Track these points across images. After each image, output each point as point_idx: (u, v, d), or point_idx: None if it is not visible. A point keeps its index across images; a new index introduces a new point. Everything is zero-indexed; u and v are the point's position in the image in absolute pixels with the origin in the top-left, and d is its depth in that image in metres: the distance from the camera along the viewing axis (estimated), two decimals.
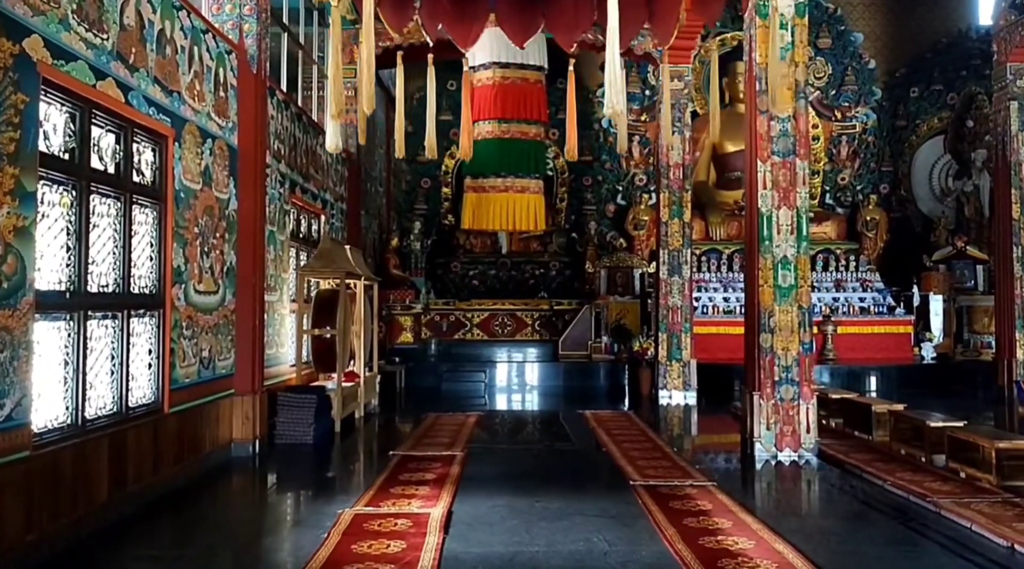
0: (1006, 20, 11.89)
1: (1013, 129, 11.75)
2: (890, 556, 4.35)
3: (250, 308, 7.20)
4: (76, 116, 4.44)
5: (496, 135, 8.42)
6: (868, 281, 14.64)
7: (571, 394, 12.47)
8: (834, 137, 17.34)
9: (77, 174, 4.48)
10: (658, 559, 4.16)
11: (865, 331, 13.97)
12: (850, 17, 17.34)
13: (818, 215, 16.61)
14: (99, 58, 4.64)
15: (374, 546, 4.35)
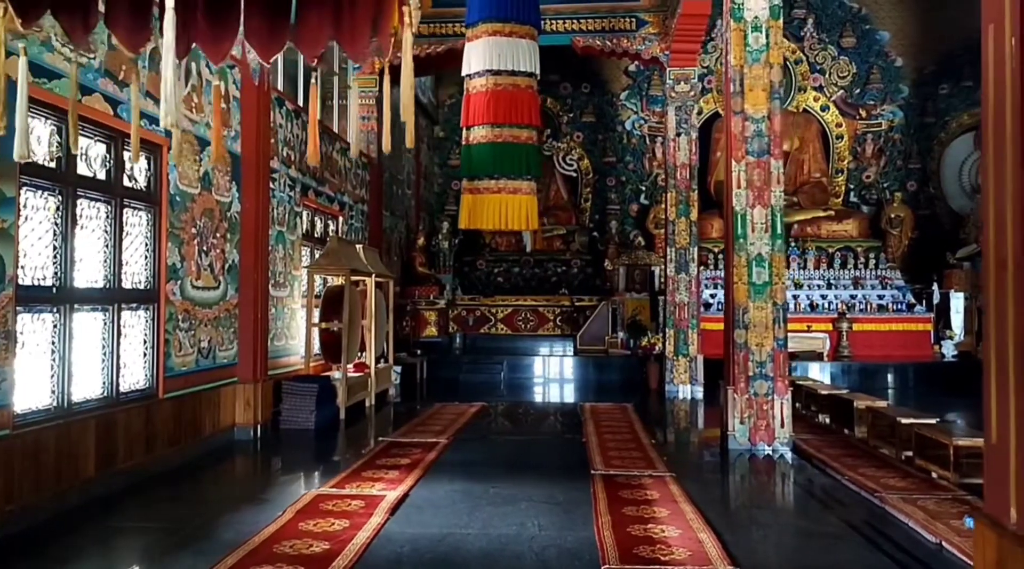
0: None
1: None
2: (809, 548, 4.50)
3: (252, 303, 7.72)
4: (62, 128, 4.96)
5: (490, 139, 8.67)
6: (888, 279, 14.44)
7: (586, 388, 12.77)
8: (859, 135, 17.16)
9: (63, 181, 5.01)
10: (578, 544, 4.41)
11: (882, 328, 13.82)
12: (877, 16, 17.07)
13: (839, 213, 16.51)
14: (85, 75, 5.16)
15: (320, 524, 4.74)
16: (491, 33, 8.69)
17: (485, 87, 8.73)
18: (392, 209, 13.89)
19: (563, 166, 17.73)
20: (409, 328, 14.05)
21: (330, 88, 12.01)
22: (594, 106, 17.82)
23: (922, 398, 12.10)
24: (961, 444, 5.69)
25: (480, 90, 8.77)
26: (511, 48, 8.71)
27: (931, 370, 12.98)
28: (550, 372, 13.75)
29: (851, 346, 13.57)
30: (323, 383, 8.58)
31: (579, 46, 12.39)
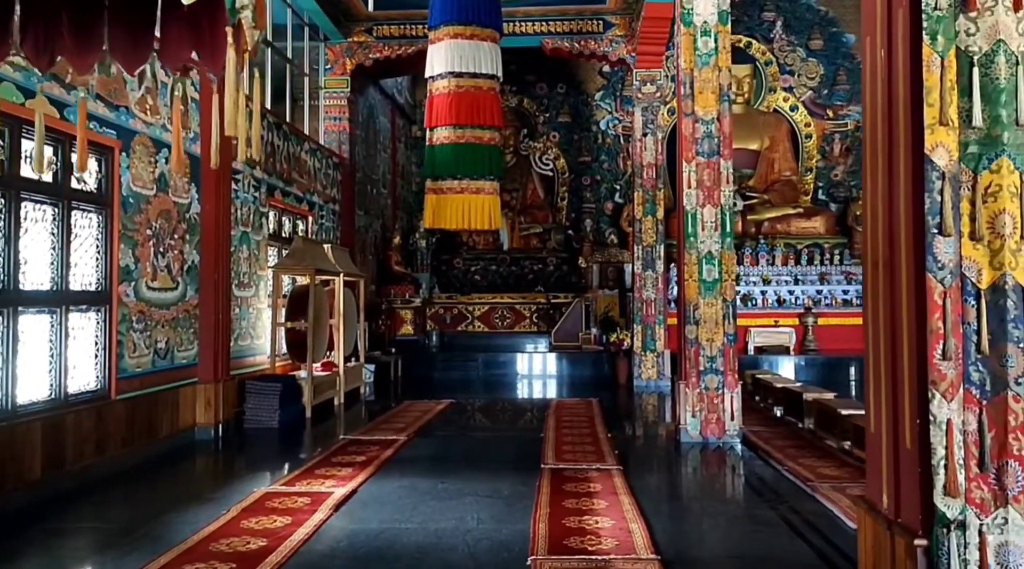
0: None
1: None
2: (733, 537, 4.63)
3: (212, 303, 7.79)
4: (4, 131, 5.03)
5: (452, 140, 8.78)
6: (853, 274, 14.62)
7: (558, 383, 12.94)
8: (827, 135, 17.39)
9: (6, 184, 5.08)
10: (512, 536, 4.52)
11: (847, 322, 13.98)
12: (843, 19, 17.29)
13: (808, 210, 16.71)
14: (28, 79, 5.24)
15: (261, 522, 4.83)
16: (453, 35, 8.81)
17: (447, 89, 8.84)
18: (367, 208, 13.96)
19: (539, 165, 17.82)
20: (385, 327, 14.15)
21: (300, 89, 12.08)
22: (570, 106, 17.91)
23: None
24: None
25: (443, 92, 8.89)
26: (473, 50, 8.83)
27: None
28: (525, 368, 13.89)
29: (817, 340, 13.76)
30: (287, 382, 8.67)
31: (548, 48, 12.52)
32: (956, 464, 2.51)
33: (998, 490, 2.49)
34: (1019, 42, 2.53)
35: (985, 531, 2.48)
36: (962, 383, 2.53)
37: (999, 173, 2.52)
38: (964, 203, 2.55)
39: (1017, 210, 2.51)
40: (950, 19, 2.58)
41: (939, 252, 2.56)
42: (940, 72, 2.57)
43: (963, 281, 2.54)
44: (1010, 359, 2.49)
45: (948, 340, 2.53)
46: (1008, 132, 2.52)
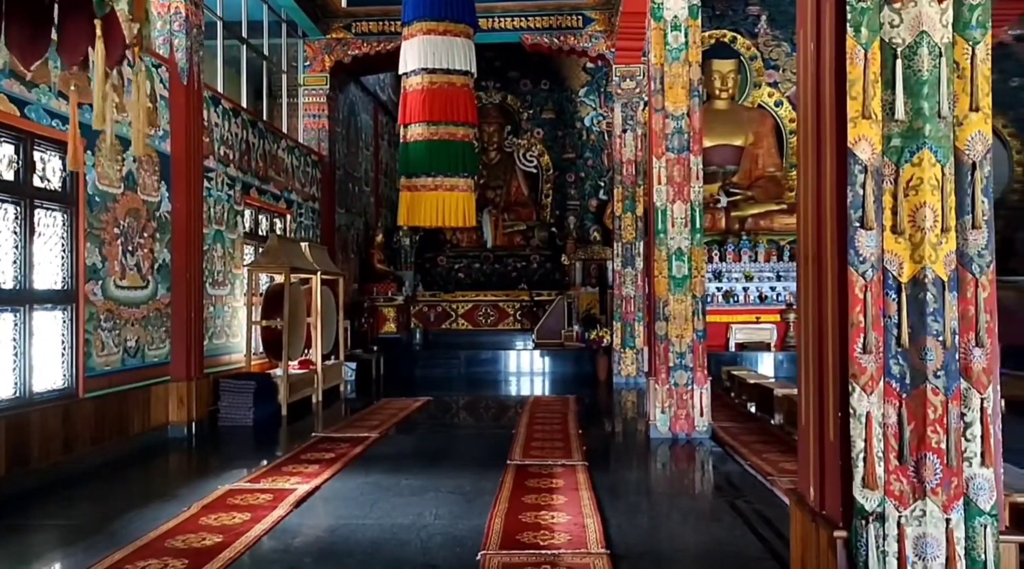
0: None
1: None
2: (685, 530, 4.65)
3: (185, 302, 7.78)
4: None
5: (426, 137, 8.79)
6: None
7: (540, 380, 12.97)
8: None
9: None
10: (467, 532, 4.52)
11: None
12: None
13: (791, 207, 16.70)
14: None
15: (221, 518, 4.83)
16: (426, 32, 8.82)
17: (421, 85, 8.85)
18: (348, 206, 13.95)
19: (523, 162, 17.81)
20: (367, 325, 14.13)
21: (279, 86, 12.05)
22: (554, 103, 17.91)
23: None
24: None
25: (416, 88, 8.90)
26: (446, 47, 8.83)
27: None
28: (508, 366, 13.89)
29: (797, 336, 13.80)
30: (262, 380, 8.66)
31: (527, 43, 12.50)
32: (875, 457, 2.52)
33: (916, 482, 2.50)
34: (942, 34, 2.54)
35: (904, 523, 2.49)
36: (883, 376, 2.54)
37: (920, 166, 2.53)
38: (887, 196, 2.56)
39: (938, 203, 2.52)
40: (874, 11, 2.58)
41: (861, 246, 2.57)
42: (864, 65, 2.58)
43: (885, 275, 2.55)
44: (929, 352, 2.50)
45: (868, 334, 2.54)
46: (930, 125, 2.53)
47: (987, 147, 2.55)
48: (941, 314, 2.50)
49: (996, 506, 2.50)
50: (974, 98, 2.54)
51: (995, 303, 2.56)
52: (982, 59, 2.56)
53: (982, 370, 2.52)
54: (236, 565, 4.06)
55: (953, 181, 2.53)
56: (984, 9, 2.56)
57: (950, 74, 2.53)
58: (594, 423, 8.77)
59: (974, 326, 2.52)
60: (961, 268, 2.53)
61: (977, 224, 2.52)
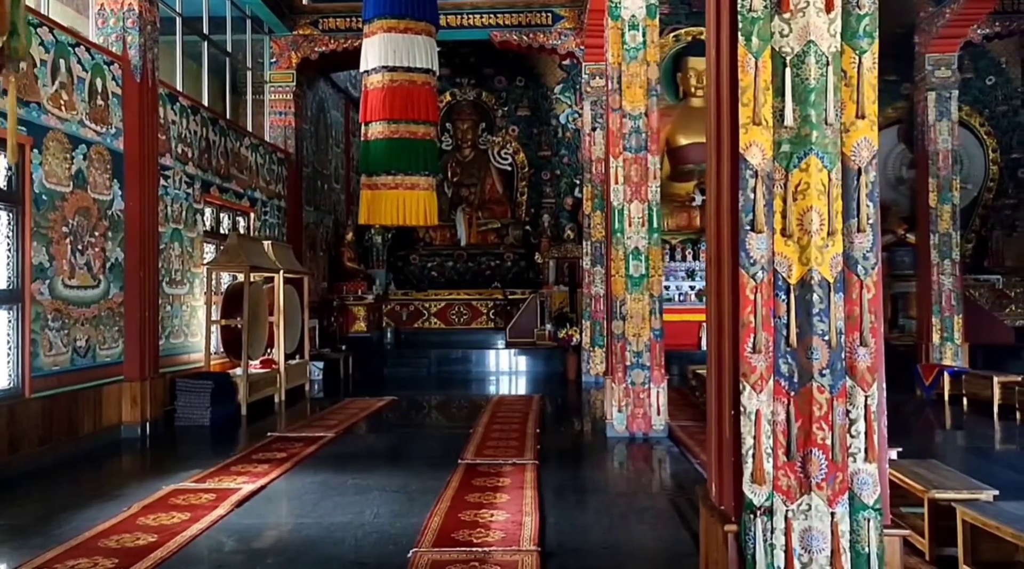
0: (925, 11, 11.96)
1: (930, 119, 11.85)
2: (620, 528, 4.69)
3: (138, 301, 7.74)
4: None
5: (386, 135, 8.78)
6: None
7: (511, 379, 13.02)
8: None
9: None
10: (403, 530, 4.55)
11: None
12: None
13: None
14: None
15: (159, 518, 4.82)
16: (386, 29, 8.81)
17: (381, 83, 8.85)
18: (317, 204, 13.92)
19: (498, 160, 17.81)
20: (337, 324, 14.11)
21: (243, 83, 11.99)
22: (529, 100, 17.92)
23: None
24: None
25: (377, 86, 8.89)
26: (407, 44, 8.83)
27: None
28: (479, 365, 13.92)
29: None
30: (220, 379, 8.64)
31: (497, 40, 12.54)
32: (764, 453, 2.58)
33: (803, 478, 2.56)
34: (829, 43, 2.60)
35: (791, 517, 2.56)
36: (772, 375, 2.60)
37: (808, 171, 2.58)
38: (777, 201, 2.62)
39: (824, 207, 2.58)
40: (765, 20, 2.64)
41: (751, 248, 2.63)
42: (755, 72, 2.63)
43: (775, 276, 2.61)
44: (815, 351, 2.56)
45: (759, 333, 2.60)
46: (817, 131, 2.58)
47: (872, 153, 2.62)
48: (827, 314, 2.56)
49: (880, 500, 2.57)
50: (860, 106, 2.60)
51: (880, 304, 2.62)
52: (869, 68, 2.62)
53: (866, 369, 2.59)
54: (166, 565, 4.07)
55: (840, 186, 2.60)
56: (871, 19, 2.62)
57: (837, 82, 2.59)
58: (555, 422, 8.83)
59: (859, 326, 2.59)
60: (847, 270, 2.60)
61: (862, 228, 2.59)
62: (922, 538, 3.92)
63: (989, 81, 17.48)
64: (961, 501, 3.61)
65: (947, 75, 12.05)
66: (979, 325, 13.67)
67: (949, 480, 4.00)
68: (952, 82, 12.03)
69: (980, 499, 3.73)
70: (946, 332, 11.91)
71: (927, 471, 4.20)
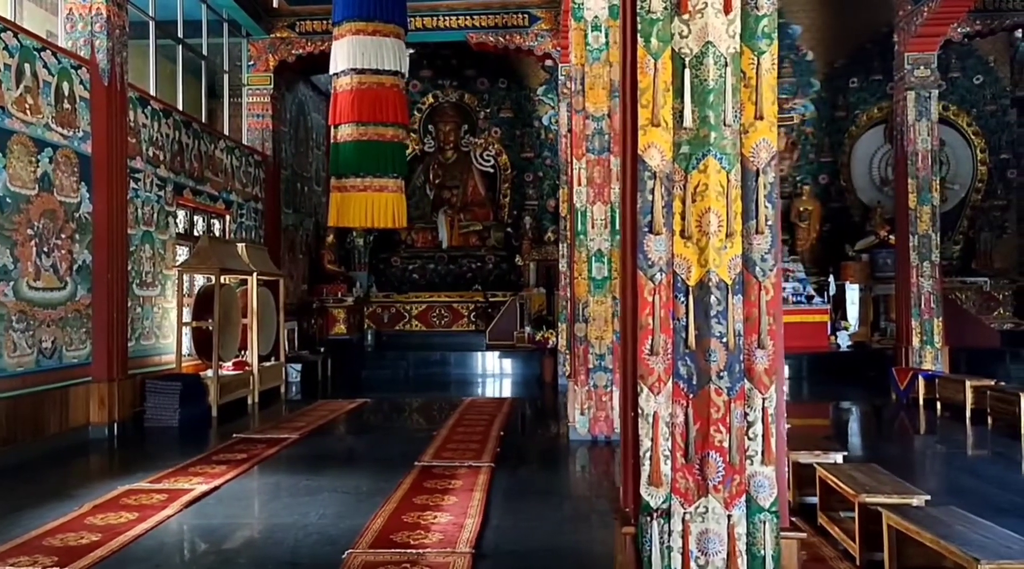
0: (904, 10, 11.98)
1: (910, 119, 11.85)
2: (563, 530, 4.69)
3: (106, 303, 7.75)
4: None
5: (355, 137, 8.80)
6: (790, 271, 14.79)
7: (489, 381, 13.01)
8: None
9: None
10: (344, 531, 4.55)
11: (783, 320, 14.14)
12: (788, 9, 17.32)
13: None
14: None
15: (107, 518, 4.84)
16: (355, 32, 8.84)
17: (350, 86, 8.87)
18: (296, 206, 13.93)
19: (481, 162, 17.81)
20: (316, 326, 14.12)
21: (220, 85, 11.99)
22: (512, 101, 17.92)
23: (816, 387, 12.53)
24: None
25: (346, 89, 8.91)
26: (375, 47, 8.85)
27: (827, 360, 13.42)
28: (459, 367, 13.90)
29: None
30: (189, 381, 8.64)
31: (473, 42, 12.56)
32: (661, 455, 2.59)
33: (701, 480, 2.57)
34: (728, 44, 2.61)
35: (688, 519, 2.56)
36: (671, 377, 2.61)
37: (706, 173, 2.59)
38: (676, 202, 2.63)
39: (723, 209, 2.59)
40: (665, 21, 2.65)
41: (650, 250, 2.64)
42: (654, 74, 2.64)
43: (674, 278, 2.62)
44: (713, 354, 2.57)
45: (656, 335, 2.61)
46: (715, 132, 2.59)
47: (772, 154, 2.63)
48: (725, 316, 2.57)
49: (777, 503, 2.58)
50: (759, 107, 2.62)
51: (779, 306, 2.63)
52: (767, 69, 2.63)
53: (764, 371, 2.60)
54: (104, 564, 4.08)
55: (739, 187, 2.61)
56: (770, 20, 2.64)
57: (736, 83, 2.60)
58: (522, 425, 8.84)
59: (757, 328, 2.59)
60: (746, 272, 2.61)
61: (761, 229, 2.60)
62: (853, 543, 3.93)
63: (976, 80, 17.49)
64: (888, 506, 3.61)
65: (926, 74, 12.01)
66: (963, 328, 13.68)
67: (883, 485, 4.01)
68: (932, 81, 12.00)
69: (911, 504, 3.74)
70: (926, 335, 11.88)
71: (863, 475, 4.21)
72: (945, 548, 3.00)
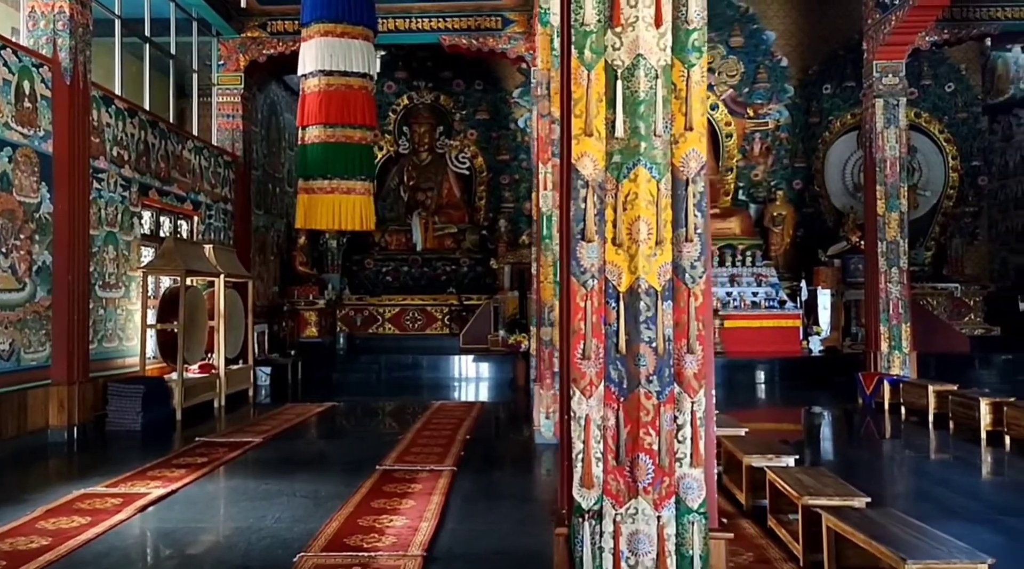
0: (872, 19, 12.17)
1: (878, 126, 12.03)
2: (516, 533, 4.71)
3: (66, 304, 7.67)
4: None
5: (323, 139, 8.78)
6: (763, 276, 14.97)
7: (462, 385, 13.03)
8: (747, 134, 17.65)
9: None
10: (299, 535, 4.54)
11: (754, 325, 14.31)
12: (764, 16, 17.57)
13: (724, 211, 16.98)
14: None
15: (59, 522, 4.79)
16: (323, 33, 8.81)
17: (318, 87, 8.84)
18: (268, 208, 13.86)
19: (456, 164, 17.81)
20: (288, 329, 14.04)
21: (189, 85, 11.90)
22: (488, 104, 17.94)
23: (787, 391, 12.67)
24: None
25: (314, 90, 8.89)
26: (343, 49, 8.83)
27: (798, 364, 13.56)
28: (432, 371, 13.88)
29: (724, 342, 14.02)
30: (153, 384, 8.58)
31: (446, 44, 12.58)
32: (592, 457, 2.63)
33: (631, 482, 2.62)
34: (659, 57, 2.66)
35: (619, 521, 2.61)
36: (603, 381, 2.65)
37: (636, 182, 2.64)
38: (608, 210, 2.68)
39: (652, 217, 2.64)
40: (598, 34, 2.70)
41: (582, 257, 2.68)
42: (587, 84, 2.69)
43: (606, 284, 2.67)
44: (643, 358, 2.62)
45: (588, 340, 2.65)
46: (645, 143, 2.64)
47: (701, 164, 2.68)
48: (654, 322, 2.62)
49: (705, 504, 2.63)
50: (689, 118, 2.67)
51: (709, 312, 2.69)
52: (697, 81, 2.69)
53: (693, 375, 2.65)
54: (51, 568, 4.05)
55: (669, 196, 2.66)
56: (700, 34, 2.69)
57: (667, 95, 2.66)
58: (489, 429, 8.86)
59: (686, 333, 2.65)
60: (676, 279, 2.66)
61: (690, 237, 2.65)
62: (798, 544, 4.00)
63: (948, 88, 17.77)
64: (828, 508, 3.68)
65: (894, 82, 12.18)
66: (933, 334, 13.87)
67: (827, 487, 4.08)
68: (900, 89, 12.17)
69: (852, 506, 3.81)
70: (894, 340, 12.01)
71: (811, 479, 4.28)
72: (877, 548, 3.06)
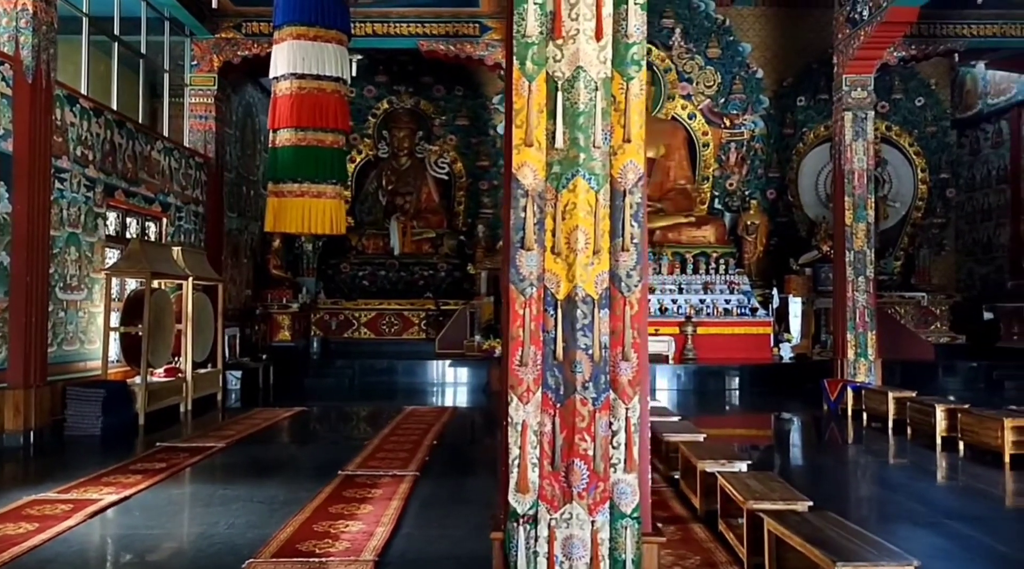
0: (843, 33, 12.36)
1: (847, 138, 12.22)
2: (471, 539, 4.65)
3: (24, 306, 7.56)
4: None
5: (293, 142, 8.76)
6: (735, 283, 15.10)
7: (437, 390, 12.98)
8: (723, 143, 17.84)
9: None
10: (250, 541, 4.49)
11: (726, 332, 14.42)
12: (740, 28, 17.78)
13: (699, 219, 17.14)
14: None
15: (6, 528, 4.70)
16: (295, 36, 8.80)
17: (290, 90, 8.82)
18: (241, 210, 13.77)
19: (435, 169, 17.79)
20: (260, 332, 13.94)
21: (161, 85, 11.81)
22: (467, 109, 17.93)
23: (757, 398, 12.78)
24: (671, 440, 6.08)
25: (285, 93, 8.86)
26: (316, 52, 8.82)
27: (769, 371, 13.69)
28: (407, 375, 13.81)
29: (696, 349, 14.11)
30: (114, 388, 8.47)
31: (424, 49, 12.60)
32: (529, 463, 2.65)
33: (566, 487, 2.64)
34: (599, 69, 2.70)
35: (554, 525, 2.63)
36: (540, 387, 2.67)
37: (575, 192, 2.68)
38: (548, 219, 2.70)
39: (590, 227, 2.67)
40: (540, 46, 2.73)
41: (521, 265, 2.70)
42: (528, 95, 2.72)
43: (545, 292, 2.69)
44: (579, 365, 2.64)
45: (526, 347, 2.68)
46: (584, 154, 2.68)
47: (639, 176, 2.72)
48: (591, 329, 2.64)
49: (639, 509, 2.66)
50: (628, 130, 2.71)
51: (644, 320, 2.72)
52: (636, 94, 2.73)
53: (628, 382, 2.68)
54: None
55: (608, 207, 2.69)
56: (639, 48, 2.73)
57: (606, 107, 2.69)
58: (458, 434, 8.85)
59: (622, 341, 2.68)
60: (612, 287, 2.69)
61: (627, 247, 2.69)
62: (743, 548, 4.04)
63: (919, 102, 18.08)
64: (770, 512, 3.73)
65: (863, 96, 12.38)
66: (899, 342, 14.11)
67: (773, 492, 4.13)
68: (868, 103, 12.38)
69: (794, 510, 3.86)
70: (860, 348, 12.19)
71: (758, 483, 4.32)
72: (811, 551, 3.11)
